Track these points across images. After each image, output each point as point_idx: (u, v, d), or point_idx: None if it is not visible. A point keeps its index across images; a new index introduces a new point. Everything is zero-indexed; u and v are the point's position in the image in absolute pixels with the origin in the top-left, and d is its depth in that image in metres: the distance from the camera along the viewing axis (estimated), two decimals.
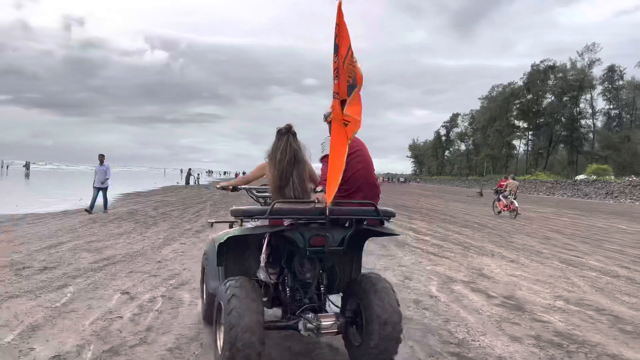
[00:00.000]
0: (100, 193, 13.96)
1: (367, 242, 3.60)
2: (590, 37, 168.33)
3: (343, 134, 2.86)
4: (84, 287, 5.17)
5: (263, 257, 3.15)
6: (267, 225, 2.96)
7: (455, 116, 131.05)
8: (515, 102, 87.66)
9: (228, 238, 3.11)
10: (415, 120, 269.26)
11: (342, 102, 2.88)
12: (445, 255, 8.27)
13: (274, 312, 3.79)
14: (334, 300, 3.51)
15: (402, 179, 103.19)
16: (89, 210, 13.38)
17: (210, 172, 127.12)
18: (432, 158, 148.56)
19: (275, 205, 2.90)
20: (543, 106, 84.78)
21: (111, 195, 22.06)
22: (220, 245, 3.19)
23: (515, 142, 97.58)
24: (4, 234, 8.79)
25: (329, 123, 3.54)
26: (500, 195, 18.72)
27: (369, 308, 3.03)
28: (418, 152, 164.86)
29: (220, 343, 2.93)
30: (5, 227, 9.79)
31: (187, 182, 37.46)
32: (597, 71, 76.92)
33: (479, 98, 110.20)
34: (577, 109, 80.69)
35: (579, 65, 78.83)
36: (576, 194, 49.80)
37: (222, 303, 2.86)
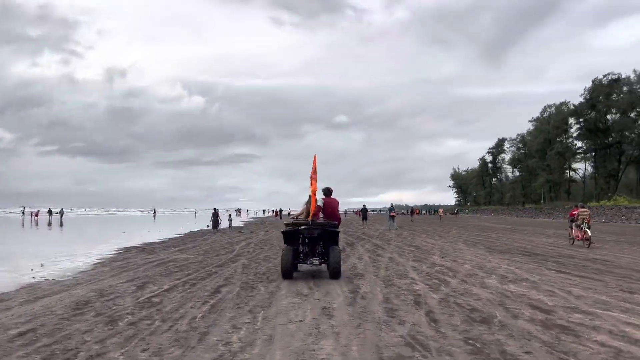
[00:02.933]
0: None
1: None
2: (625, 58, 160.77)
3: (315, 199, 9.86)
4: None
5: (301, 240, 9.80)
6: (291, 228, 9.73)
7: (501, 141, 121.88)
8: (580, 120, 78.46)
9: (281, 232, 10.26)
10: (448, 150, 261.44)
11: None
12: None
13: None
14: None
15: (456, 210, 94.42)
16: None
17: (238, 211, 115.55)
18: (478, 187, 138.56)
19: (294, 222, 10.00)
20: (606, 124, 75.41)
21: (107, 250, 15.38)
22: (283, 234, 9.98)
23: (578, 165, 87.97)
24: None
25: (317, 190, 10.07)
26: (574, 225, 18.54)
27: (329, 258, 9.28)
28: (461, 182, 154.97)
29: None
30: None
31: (215, 225, 30.67)
32: None
33: (529, 120, 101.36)
34: None
35: None
36: None
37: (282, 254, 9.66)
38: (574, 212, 18.98)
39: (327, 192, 10.39)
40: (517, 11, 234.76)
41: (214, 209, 32.78)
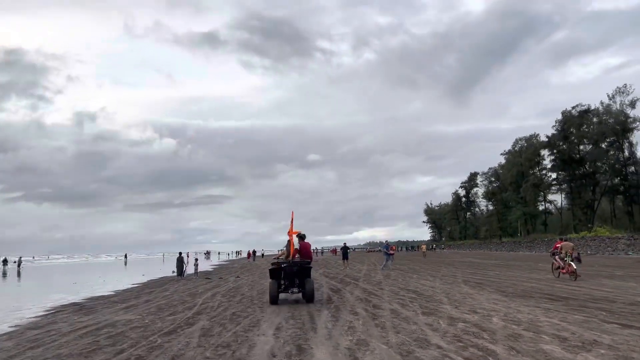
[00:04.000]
0: None
1: None
2: (582, 95, 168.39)
3: (292, 241, 12.88)
4: None
5: (283, 275, 12.93)
6: (275, 265, 12.78)
7: (474, 175, 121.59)
8: (553, 151, 78.10)
9: (269, 269, 13.00)
10: (419, 186, 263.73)
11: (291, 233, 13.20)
12: None
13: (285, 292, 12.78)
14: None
15: (433, 246, 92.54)
16: None
17: (207, 254, 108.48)
18: (452, 222, 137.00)
19: (277, 261, 13.07)
20: (580, 155, 75.31)
21: (34, 310, 11.63)
22: (269, 270, 12.86)
23: (553, 197, 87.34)
24: None
25: (294, 236, 13.06)
26: (557, 258, 18.36)
27: (305, 288, 12.52)
28: (435, 217, 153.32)
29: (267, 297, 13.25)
30: None
31: (180, 272, 27.40)
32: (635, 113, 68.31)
33: (501, 153, 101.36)
34: (623, 154, 71.20)
35: (613, 108, 70.26)
36: None
37: (269, 286, 12.83)
38: (557, 245, 18.86)
39: (302, 237, 13.31)
40: (479, 51, 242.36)
41: (179, 254, 29.61)
